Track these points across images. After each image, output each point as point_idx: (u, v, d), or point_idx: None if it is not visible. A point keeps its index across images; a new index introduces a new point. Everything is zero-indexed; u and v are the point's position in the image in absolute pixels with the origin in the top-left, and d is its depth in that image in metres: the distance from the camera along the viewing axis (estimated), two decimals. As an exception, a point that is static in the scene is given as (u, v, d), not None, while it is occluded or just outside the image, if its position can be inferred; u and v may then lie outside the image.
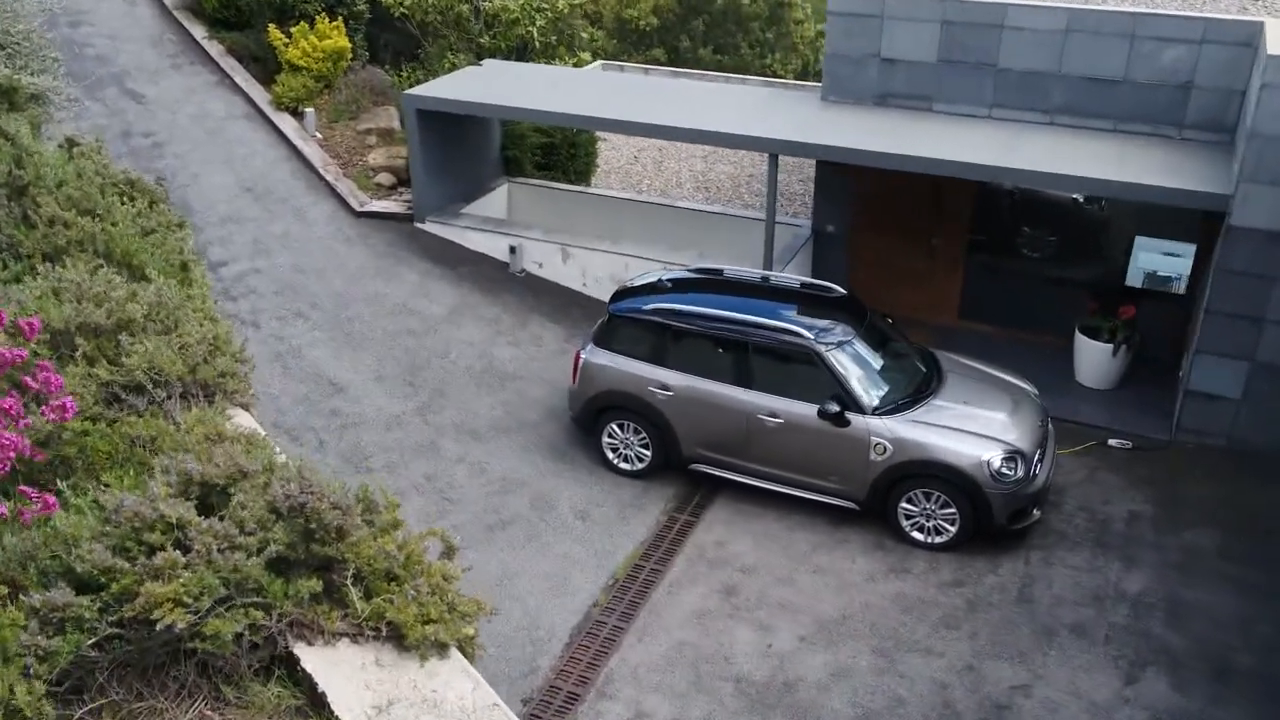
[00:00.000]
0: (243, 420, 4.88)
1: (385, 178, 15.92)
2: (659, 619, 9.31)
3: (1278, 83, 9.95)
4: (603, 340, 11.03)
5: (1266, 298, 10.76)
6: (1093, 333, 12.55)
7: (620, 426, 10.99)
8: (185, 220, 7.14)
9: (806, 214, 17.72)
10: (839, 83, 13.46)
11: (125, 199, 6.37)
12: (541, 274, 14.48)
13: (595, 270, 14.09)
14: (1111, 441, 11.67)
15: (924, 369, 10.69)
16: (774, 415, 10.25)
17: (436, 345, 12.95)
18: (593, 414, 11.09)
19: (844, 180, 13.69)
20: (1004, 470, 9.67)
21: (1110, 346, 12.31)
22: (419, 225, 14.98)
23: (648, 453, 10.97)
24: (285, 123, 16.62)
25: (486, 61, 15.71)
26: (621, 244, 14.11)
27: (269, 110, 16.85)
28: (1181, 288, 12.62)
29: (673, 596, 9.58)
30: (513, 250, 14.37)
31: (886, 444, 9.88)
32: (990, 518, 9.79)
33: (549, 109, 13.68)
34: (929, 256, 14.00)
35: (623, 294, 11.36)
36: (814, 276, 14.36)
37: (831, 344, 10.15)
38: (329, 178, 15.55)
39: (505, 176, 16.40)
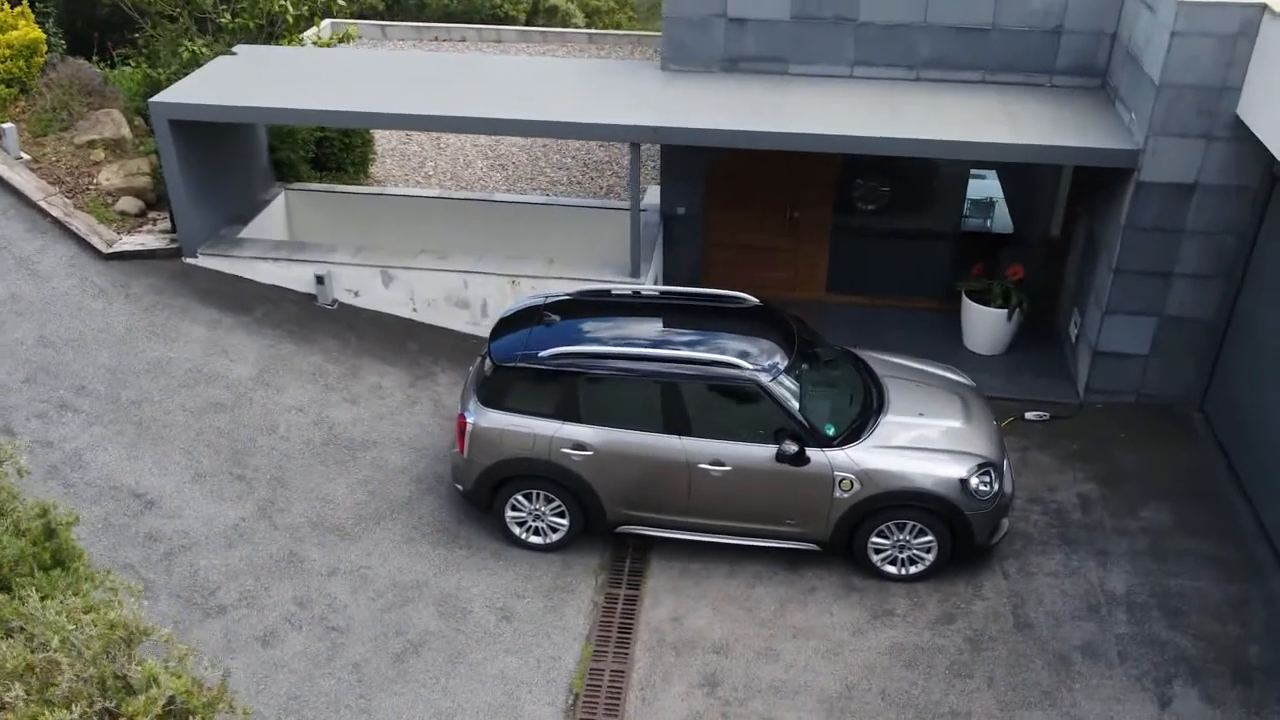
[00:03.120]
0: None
1: (129, 203, 12.81)
2: (646, 740, 7.74)
3: (1188, 31, 9.34)
4: (492, 398, 9.06)
5: (1175, 251, 10.34)
6: (980, 297, 11.87)
7: (528, 497, 9.16)
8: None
9: (621, 188, 16.16)
10: (680, 49, 11.83)
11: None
12: (359, 303, 12.10)
13: (426, 292, 11.90)
14: (1029, 415, 11.06)
15: (861, 380, 9.52)
16: (718, 463, 8.76)
17: (257, 419, 10.43)
18: (490, 487, 9.17)
19: (692, 157, 12.18)
20: (981, 487, 8.71)
21: (1004, 312, 11.67)
22: (189, 261, 12.11)
23: (564, 522, 9.22)
24: (-25, 144, 13.03)
25: (241, 48, 12.84)
26: (452, 258, 11.97)
27: (-52, 130, 13.14)
28: (1007, 223, 12.56)
29: (650, 704, 8.01)
30: (320, 279, 11.88)
31: (853, 478, 8.65)
32: (971, 540, 8.83)
33: (348, 109, 11.18)
34: (791, 230, 12.83)
35: (501, 330, 9.42)
36: (668, 264, 12.94)
37: (772, 372, 8.74)
38: (56, 212, 12.28)
39: (280, 184, 13.67)
